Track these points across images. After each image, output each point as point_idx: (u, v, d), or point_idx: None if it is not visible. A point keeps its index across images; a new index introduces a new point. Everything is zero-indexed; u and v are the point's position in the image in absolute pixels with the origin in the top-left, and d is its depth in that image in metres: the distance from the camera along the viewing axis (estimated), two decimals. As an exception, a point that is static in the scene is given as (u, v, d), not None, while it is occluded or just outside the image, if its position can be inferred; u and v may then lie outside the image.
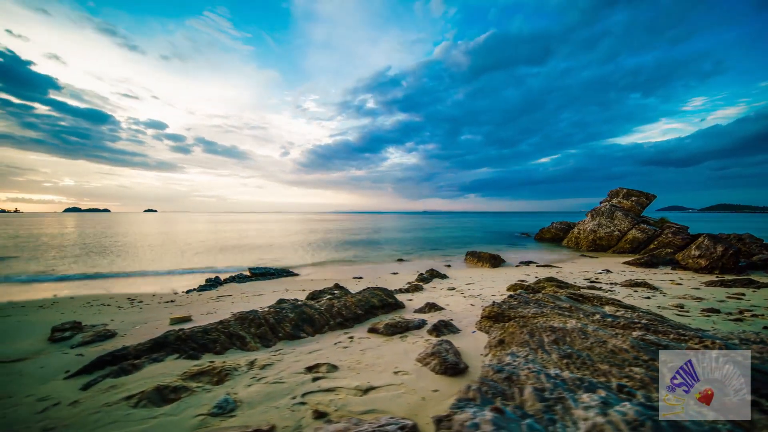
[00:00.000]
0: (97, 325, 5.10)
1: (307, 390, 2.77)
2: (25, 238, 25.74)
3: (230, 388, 2.82)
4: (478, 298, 6.65)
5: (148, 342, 3.67)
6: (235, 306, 6.56)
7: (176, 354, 3.54)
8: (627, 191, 18.47)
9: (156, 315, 5.88)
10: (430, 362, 3.24)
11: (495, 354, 3.34)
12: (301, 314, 4.51)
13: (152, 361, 3.38)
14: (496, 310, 4.46)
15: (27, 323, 5.39)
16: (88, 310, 6.61)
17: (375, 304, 5.30)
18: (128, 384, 2.95)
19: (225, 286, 9.10)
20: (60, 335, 4.44)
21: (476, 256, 13.64)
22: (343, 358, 3.47)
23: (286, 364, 3.32)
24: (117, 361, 3.40)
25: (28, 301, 7.70)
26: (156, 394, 2.69)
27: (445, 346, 3.44)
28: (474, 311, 5.58)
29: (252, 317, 4.23)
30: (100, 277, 11.16)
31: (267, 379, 2.99)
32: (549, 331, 3.23)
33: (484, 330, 4.33)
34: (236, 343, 3.82)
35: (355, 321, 4.81)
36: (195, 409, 2.49)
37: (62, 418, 2.44)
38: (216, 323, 4.20)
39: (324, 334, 4.37)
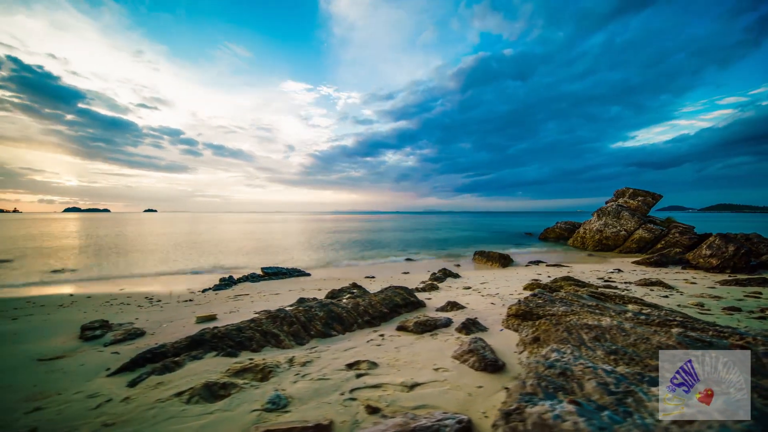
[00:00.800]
0: (123, 323, 5.13)
1: (353, 386, 2.81)
2: (33, 238, 25.76)
3: (277, 385, 2.86)
4: (496, 297, 6.69)
5: (185, 340, 3.71)
6: (255, 305, 6.60)
7: (214, 351, 3.58)
8: (633, 191, 18.52)
9: (179, 313, 5.92)
10: (468, 359, 3.28)
11: (532, 351, 3.38)
12: (330, 313, 4.55)
13: (192, 359, 3.43)
14: (523, 309, 4.50)
15: (52, 322, 5.43)
16: (108, 309, 6.64)
17: (398, 303, 5.34)
18: (175, 381, 2.99)
19: (240, 286, 9.14)
20: (91, 333, 4.47)
21: (485, 255, 13.68)
22: (380, 355, 3.52)
23: (326, 362, 3.36)
24: (157, 359, 3.44)
25: (46, 299, 7.73)
26: (206, 391, 2.73)
27: (481, 344, 3.49)
28: (496, 310, 5.62)
29: (283, 316, 4.27)
30: (112, 277, 11.20)
31: (311, 375, 3.03)
32: (586, 328, 3.27)
33: (512, 328, 4.37)
34: (271, 341, 3.86)
35: (381, 319, 4.85)
36: (248, 405, 2.53)
37: (118, 413, 2.48)
38: (248, 321, 4.24)
39: (353, 332, 4.41)
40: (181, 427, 2.28)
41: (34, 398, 2.80)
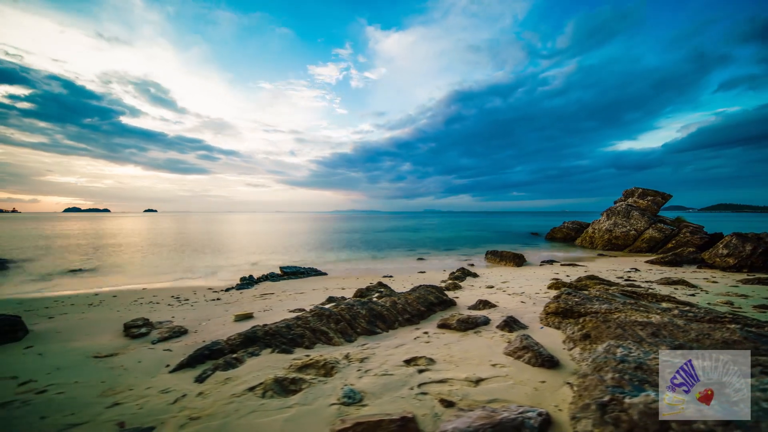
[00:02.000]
0: (163, 321, 5.20)
1: (419, 381, 2.87)
2: (42, 239, 25.80)
3: (343, 380, 2.93)
4: (522, 295, 6.75)
5: (239, 337, 3.77)
6: (285, 304, 6.66)
7: (269, 348, 3.65)
8: (642, 191, 18.58)
9: (213, 312, 5.98)
10: (523, 356, 3.34)
11: (584, 348, 3.44)
12: (371, 311, 4.62)
13: (250, 355, 3.49)
14: (562, 306, 4.57)
15: (90, 320, 5.49)
16: (140, 307, 6.71)
17: (433, 301, 5.41)
18: (241, 376, 3.06)
19: (261, 285, 9.21)
20: (137, 331, 4.54)
21: (498, 255, 13.74)
22: (433, 352, 3.58)
23: (382, 358, 3.43)
24: (215, 355, 3.50)
25: (73, 298, 7.79)
26: (277, 386, 2.80)
27: (533, 341, 3.55)
28: (527, 308, 5.68)
29: (328, 313, 4.33)
30: (131, 276, 11.26)
31: (374, 371, 3.09)
32: (639, 325, 3.34)
33: (553, 326, 4.43)
34: (321, 338, 3.93)
35: (419, 317, 4.91)
36: (324, 399, 2.60)
37: (199, 407, 2.54)
38: (294, 319, 4.30)
39: (396, 330, 4.47)
40: (267, 420, 2.34)
41: (107, 393, 2.86)
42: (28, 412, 2.53)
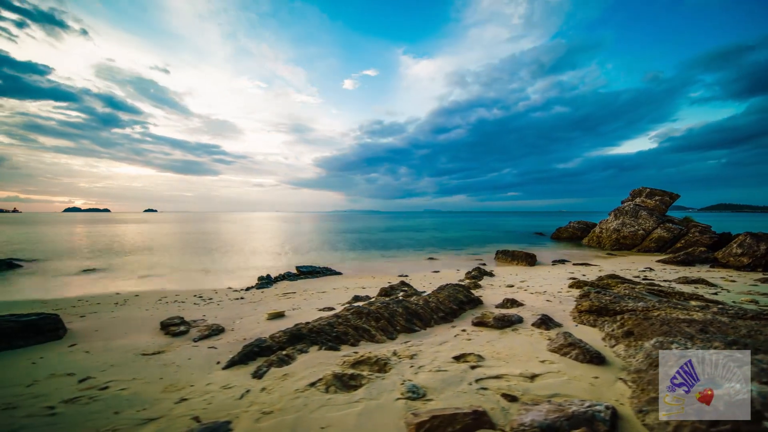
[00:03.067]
0: (197, 320, 5.25)
1: (476, 377, 2.93)
2: (50, 239, 25.82)
3: (401, 376, 2.98)
4: (545, 294, 6.80)
5: (284, 335, 3.83)
6: (310, 303, 6.71)
7: (316, 345, 3.70)
8: (650, 190, 18.66)
9: (242, 311, 6.03)
10: (570, 352, 3.40)
11: (629, 344, 3.49)
12: (407, 309, 4.67)
13: (300, 352, 3.55)
14: (596, 305, 4.63)
15: (122, 319, 5.54)
16: (166, 306, 6.76)
17: (462, 300, 5.46)
18: (298, 372, 3.11)
19: (280, 284, 9.26)
20: (175, 330, 4.59)
21: (509, 254, 13.80)
22: (477, 349, 3.63)
23: (430, 355, 3.48)
24: (264, 353, 3.56)
25: (97, 298, 7.84)
26: (337, 381, 2.85)
27: (576, 338, 3.61)
28: (555, 306, 5.73)
29: (366, 312, 4.39)
30: (147, 275, 11.31)
31: (426, 367, 3.15)
32: (684, 322, 3.40)
33: (588, 324, 4.49)
34: (364, 335, 3.98)
35: (452, 315, 4.97)
36: (389, 394, 2.66)
37: (268, 402, 2.60)
38: (332, 317, 4.36)
39: (432, 328, 4.53)
40: (339, 415, 2.40)
41: (170, 390, 2.91)
42: (100, 408, 2.59)
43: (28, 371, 3.35)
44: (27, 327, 4.22)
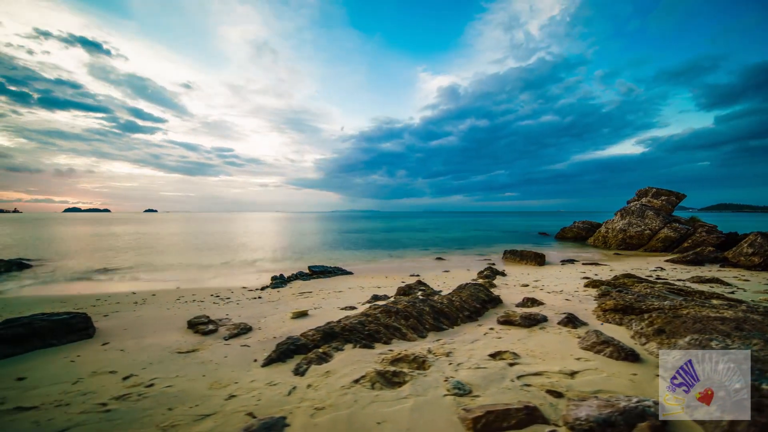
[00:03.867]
0: (222, 319, 5.29)
1: (517, 374, 2.98)
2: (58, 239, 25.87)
3: (442, 373, 3.03)
4: (562, 293, 6.84)
5: (317, 333, 3.87)
6: (329, 302, 6.75)
7: (350, 344, 3.75)
8: (656, 190, 18.70)
9: (263, 310, 6.08)
10: (604, 350, 3.44)
11: (661, 342, 3.53)
12: (433, 308, 4.72)
13: (336, 350, 3.59)
14: (621, 303, 4.68)
15: (147, 318, 5.58)
16: (186, 305, 6.80)
17: (484, 299, 5.51)
18: (339, 370, 3.16)
19: (294, 283, 9.31)
20: (204, 328, 4.63)
21: (517, 254, 13.84)
22: (509, 346, 3.68)
23: (465, 352, 3.53)
24: (300, 350, 3.60)
25: (114, 297, 7.88)
26: (381, 378, 2.90)
27: (608, 336, 3.66)
28: (575, 305, 5.77)
29: (395, 310, 4.43)
30: (159, 275, 11.36)
31: (465, 365, 3.20)
32: (717, 320, 3.44)
33: (613, 322, 4.53)
34: (396, 334, 4.03)
35: (476, 314, 5.01)
36: (435, 390, 2.70)
37: (318, 398, 2.64)
38: (360, 315, 4.40)
39: (459, 326, 4.57)
40: (392, 410, 2.44)
41: (215, 387, 2.96)
42: (152, 404, 2.63)
43: (70, 369, 3.39)
44: (59, 326, 4.26)
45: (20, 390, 2.94)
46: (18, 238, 25.79)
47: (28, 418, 2.49)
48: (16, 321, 4.13)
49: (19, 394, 2.87)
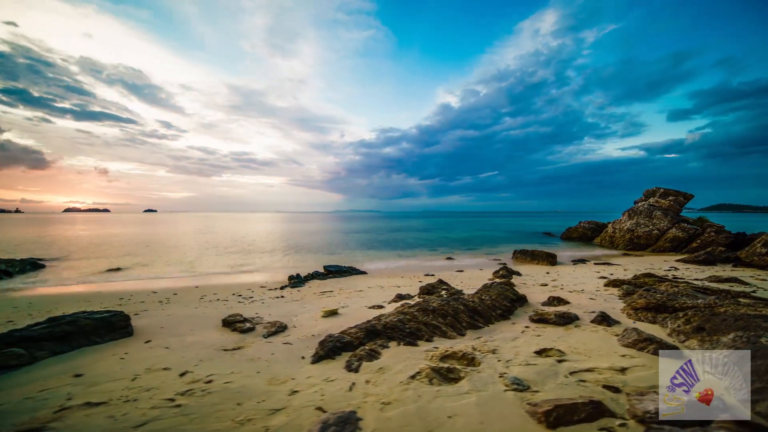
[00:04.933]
0: (254, 317, 5.35)
1: (568, 370, 3.04)
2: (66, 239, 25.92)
3: (494, 369, 3.09)
4: (583, 293, 6.90)
5: (360, 331, 3.93)
6: (353, 300, 6.81)
7: (394, 341, 3.81)
8: (664, 191, 18.77)
9: (290, 308, 6.14)
10: (647, 347, 3.51)
11: (702, 340, 3.60)
12: (466, 306, 4.78)
13: (382, 347, 3.65)
14: (653, 302, 4.74)
15: (178, 317, 5.63)
16: (212, 304, 6.86)
17: (512, 298, 5.57)
18: (391, 366, 3.22)
19: (312, 282, 9.37)
20: (241, 326, 4.69)
21: (528, 254, 13.91)
22: (552, 344, 3.74)
23: (510, 350, 3.59)
24: (347, 348, 3.67)
25: (139, 295, 7.94)
26: (436, 374, 2.96)
27: (649, 334, 3.72)
28: (599, 304, 5.84)
29: (431, 309, 4.50)
30: (173, 274, 11.42)
31: (514, 361, 3.26)
32: (760, 318, 3.51)
33: (646, 320, 4.60)
34: (436, 332, 4.09)
35: (508, 313, 5.08)
36: (494, 386, 2.76)
37: (380, 394, 2.70)
38: (396, 313, 4.47)
39: (494, 324, 4.64)
40: (458, 404, 2.50)
41: (274, 382, 3.02)
42: (219, 400, 2.69)
43: (123, 366, 3.45)
44: (102, 324, 4.33)
45: (82, 386, 3.01)
46: (25, 238, 25.84)
47: (101, 412, 2.55)
48: (60, 319, 4.20)
49: (82, 390, 2.93)
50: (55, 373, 3.33)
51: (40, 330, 3.89)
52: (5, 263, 11.97)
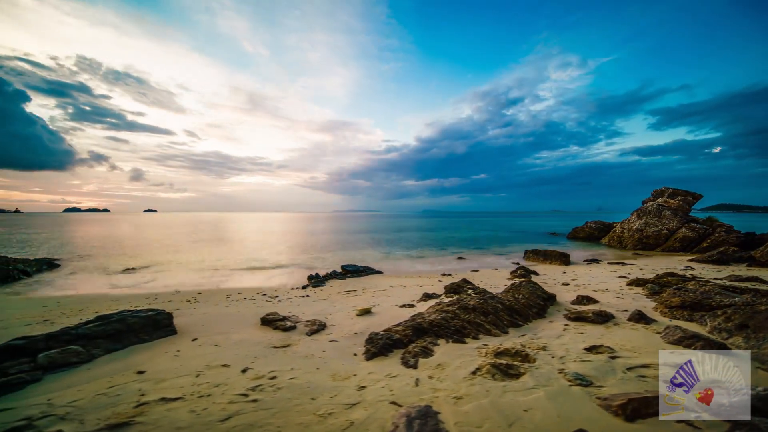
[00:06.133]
0: (288, 316, 5.42)
1: (624, 366, 3.11)
2: (70, 239, 25.97)
3: (551, 366, 3.16)
4: (608, 292, 6.97)
5: (407, 329, 4.01)
6: (381, 300, 6.87)
7: (442, 339, 3.88)
8: (672, 191, 18.86)
9: (322, 307, 6.22)
10: (694, 344, 3.58)
11: (748, 336, 3.67)
12: (503, 304, 4.85)
13: (432, 344, 3.72)
14: (689, 300, 4.81)
15: (213, 315, 5.71)
16: (242, 303, 6.93)
17: (544, 297, 5.64)
18: (449, 362, 3.29)
19: (332, 282, 9.44)
20: (282, 325, 4.76)
21: (541, 254, 13.99)
22: (597, 341, 3.81)
23: (559, 347, 3.66)
24: (397, 345, 3.74)
25: (161, 296, 8.00)
26: (497, 370, 3.03)
27: (694, 331, 3.80)
28: (627, 302, 5.91)
29: (471, 307, 4.56)
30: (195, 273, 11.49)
31: (567, 358, 3.33)
32: (804, 315, 3.59)
33: (682, 318, 4.67)
34: (480, 329, 4.16)
35: (543, 311, 5.15)
36: (556, 381, 2.83)
37: (448, 389, 2.78)
38: (437, 312, 4.53)
39: (533, 322, 4.71)
40: (530, 399, 2.57)
41: (337, 378, 3.09)
42: (291, 395, 2.76)
43: (181, 363, 3.51)
44: (148, 322, 4.40)
45: (150, 382, 3.07)
46: (33, 239, 25.88)
47: (180, 407, 2.62)
48: (110, 318, 4.26)
49: (151, 386, 3.00)
50: (116, 369, 3.40)
51: (94, 328, 3.96)
52: (23, 263, 12.03)
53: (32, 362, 3.32)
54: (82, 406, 2.69)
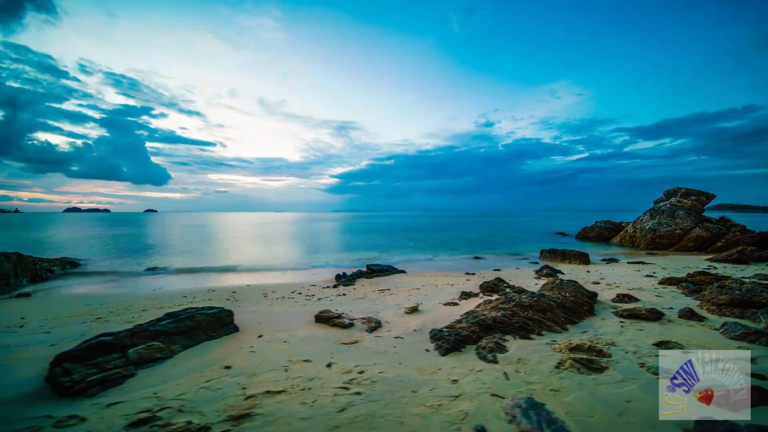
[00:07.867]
0: (341, 314, 5.53)
1: (701, 361, 3.23)
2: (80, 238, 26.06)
3: (628, 360, 3.28)
4: (642, 291, 7.09)
5: (473, 325, 4.12)
6: (420, 298, 6.97)
7: (509, 335, 4.00)
8: (685, 190, 18.99)
9: (364, 306, 6.32)
10: (759, 339, 3.70)
11: (810, 333, 3.78)
12: (556, 302, 4.96)
13: (502, 340, 3.83)
14: (738, 298, 4.93)
15: (262, 314, 5.81)
16: (282, 301, 7.03)
17: (588, 294, 5.75)
18: (528, 357, 3.41)
19: (361, 281, 9.53)
20: (341, 322, 4.87)
21: (559, 253, 14.10)
22: (662, 336, 3.92)
23: (626, 343, 3.78)
24: (466, 341, 3.86)
25: (198, 294, 8.11)
26: (580, 364, 3.14)
27: (755, 327, 3.91)
28: (666, 300, 6.03)
29: (527, 305, 4.68)
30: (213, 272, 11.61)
31: (640, 353, 3.46)
32: None
33: (732, 315, 4.78)
34: (542, 326, 4.28)
35: (591, 309, 5.26)
36: (642, 374, 2.96)
37: (540, 383, 2.89)
38: (496, 310, 4.65)
39: (587, 320, 4.82)
40: (624, 391, 2.69)
41: (423, 373, 3.20)
42: (392, 388, 2.87)
43: (262, 359, 3.63)
44: (215, 319, 4.51)
45: (243, 377, 3.19)
46: (41, 239, 25.97)
47: (289, 400, 2.73)
48: (178, 315, 4.36)
49: (246, 380, 3.12)
50: (201, 365, 3.51)
51: (168, 325, 4.06)
52: (48, 262, 12.14)
53: (123, 358, 3.43)
54: (192, 399, 2.81)
